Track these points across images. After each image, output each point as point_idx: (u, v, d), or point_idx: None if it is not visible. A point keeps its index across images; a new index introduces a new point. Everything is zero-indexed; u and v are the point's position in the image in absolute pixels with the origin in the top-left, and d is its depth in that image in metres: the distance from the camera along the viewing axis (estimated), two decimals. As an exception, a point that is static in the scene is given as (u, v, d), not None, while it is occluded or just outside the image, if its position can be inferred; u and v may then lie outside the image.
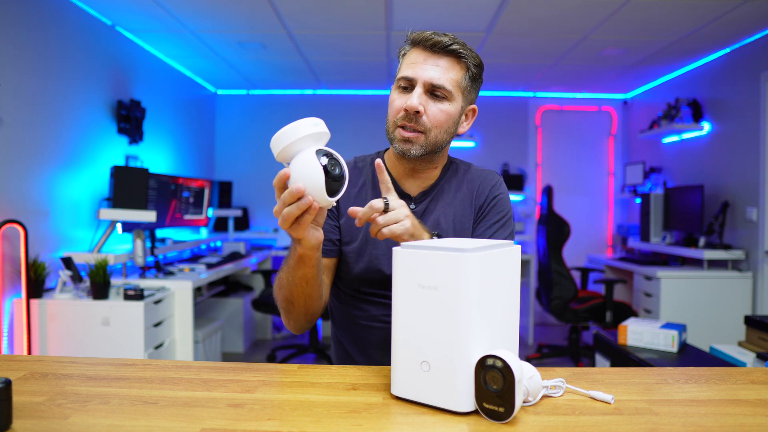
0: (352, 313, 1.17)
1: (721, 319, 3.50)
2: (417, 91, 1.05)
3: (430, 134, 1.07)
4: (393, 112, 1.09)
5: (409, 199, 1.15)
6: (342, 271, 1.17)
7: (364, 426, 0.68)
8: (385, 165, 1.17)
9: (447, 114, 1.08)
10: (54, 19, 2.82)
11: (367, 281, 1.14)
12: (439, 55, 1.06)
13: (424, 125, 1.06)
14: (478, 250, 0.72)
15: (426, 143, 1.07)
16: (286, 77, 4.80)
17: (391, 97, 1.12)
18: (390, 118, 1.10)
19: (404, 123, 1.06)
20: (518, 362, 0.70)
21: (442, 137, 1.09)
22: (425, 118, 1.06)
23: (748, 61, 3.57)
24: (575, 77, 4.70)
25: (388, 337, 1.11)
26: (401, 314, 0.76)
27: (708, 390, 0.84)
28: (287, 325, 1.10)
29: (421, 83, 1.05)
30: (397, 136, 1.08)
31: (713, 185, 3.89)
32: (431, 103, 1.06)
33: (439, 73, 1.05)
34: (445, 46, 1.05)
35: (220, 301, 4.15)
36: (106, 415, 0.71)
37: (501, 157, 5.34)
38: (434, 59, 1.06)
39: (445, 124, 1.08)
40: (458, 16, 3.23)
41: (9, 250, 2.47)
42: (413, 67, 1.06)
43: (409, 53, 1.10)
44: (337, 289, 1.20)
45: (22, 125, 2.59)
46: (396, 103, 1.08)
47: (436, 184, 1.17)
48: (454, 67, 1.07)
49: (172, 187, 3.55)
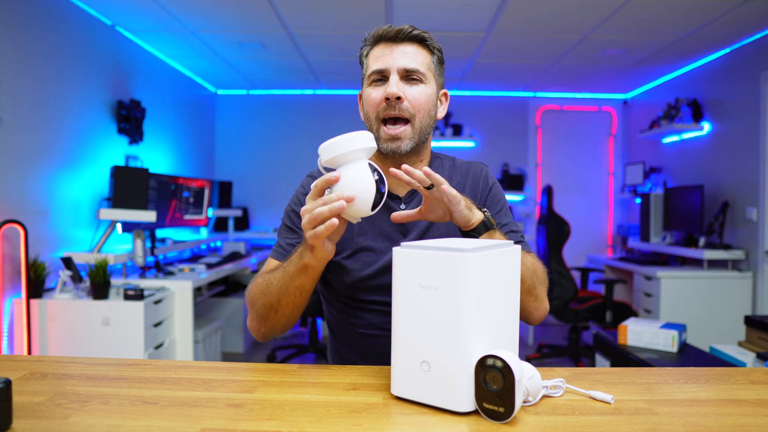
0: (351, 322, 1.13)
1: (721, 319, 3.50)
2: (393, 78, 1.03)
3: (415, 120, 1.05)
4: (372, 107, 1.06)
5: (397, 200, 1.12)
6: (333, 280, 1.13)
7: (364, 426, 0.68)
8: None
9: (426, 95, 1.06)
10: (54, 19, 2.82)
11: (363, 288, 1.10)
12: (404, 43, 1.06)
13: (408, 111, 1.04)
14: (478, 250, 0.71)
15: (413, 133, 1.05)
16: (286, 77, 4.80)
17: (365, 95, 1.09)
18: (370, 115, 1.07)
19: (387, 114, 1.04)
20: (518, 362, 0.70)
21: (426, 122, 1.07)
22: (407, 103, 1.04)
23: (748, 61, 3.57)
24: (575, 77, 4.70)
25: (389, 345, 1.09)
26: (401, 314, 0.76)
27: (708, 390, 0.84)
28: (254, 330, 1.05)
29: (395, 71, 1.04)
30: (382, 135, 1.05)
31: (713, 185, 3.89)
32: (408, 87, 1.04)
33: (409, 58, 1.05)
34: (407, 33, 1.05)
35: (220, 301, 4.15)
36: (106, 415, 0.71)
37: (501, 157, 5.34)
38: (400, 48, 1.05)
39: (426, 106, 1.06)
40: (458, 16, 3.23)
41: (9, 250, 2.47)
42: (382, 59, 1.05)
43: (372, 51, 1.09)
44: (333, 299, 1.16)
45: (22, 125, 2.59)
46: (373, 96, 1.06)
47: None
48: (420, 52, 1.06)
49: (172, 187, 3.55)
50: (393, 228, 1.11)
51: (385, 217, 1.10)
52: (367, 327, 1.12)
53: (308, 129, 5.30)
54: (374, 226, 1.11)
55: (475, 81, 4.89)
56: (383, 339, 1.10)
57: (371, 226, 1.11)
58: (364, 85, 1.10)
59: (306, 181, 1.18)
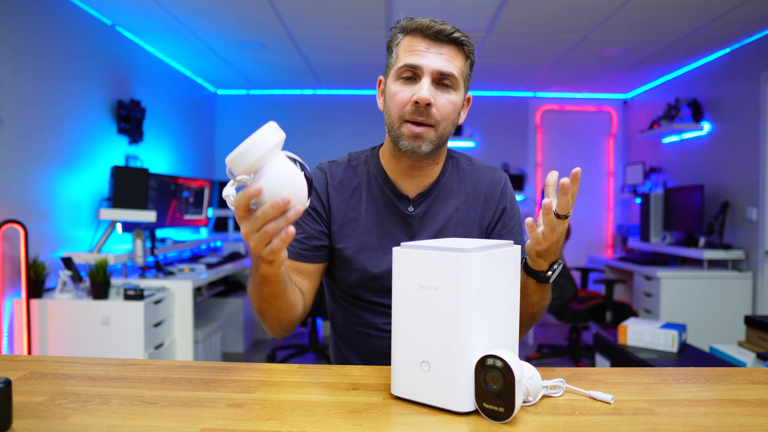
0: (351, 319, 1.12)
1: (721, 319, 3.50)
2: (425, 81, 0.97)
3: (439, 127, 1.00)
4: (398, 106, 1.00)
5: (406, 201, 1.09)
6: (338, 277, 1.11)
7: (364, 426, 0.68)
8: (380, 164, 1.11)
9: (454, 105, 1.01)
10: (54, 19, 2.82)
11: (364, 288, 1.08)
12: (442, 43, 0.99)
13: (435, 118, 0.98)
14: (479, 250, 0.71)
15: (435, 138, 1.00)
16: (286, 77, 4.80)
17: (391, 89, 1.01)
18: (394, 113, 1.01)
19: (413, 117, 0.98)
20: (518, 362, 0.70)
21: (449, 129, 1.02)
22: (434, 110, 0.98)
23: (748, 61, 3.57)
24: (575, 77, 4.70)
25: (388, 346, 1.06)
26: (401, 314, 0.76)
27: (708, 390, 0.84)
28: (269, 332, 1.03)
29: (428, 72, 0.97)
30: (405, 132, 0.99)
31: (713, 185, 3.89)
32: (439, 93, 0.99)
33: (446, 61, 0.98)
34: (448, 34, 0.98)
35: (220, 301, 4.15)
36: (106, 415, 0.71)
37: (501, 157, 5.34)
38: (437, 48, 0.98)
39: (452, 115, 1.01)
40: (458, 16, 3.23)
41: (9, 250, 2.47)
42: (417, 55, 0.98)
43: (405, 41, 1.01)
44: (336, 293, 1.15)
45: (22, 125, 2.59)
46: (401, 95, 0.99)
47: (436, 183, 1.10)
48: (457, 56, 1.00)
49: (172, 187, 3.55)
50: (401, 230, 1.08)
51: (394, 219, 1.08)
52: (366, 326, 1.11)
53: (308, 129, 5.30)
54: (381, 225, 1.08)
55: (475, 81, 4.89)
56: (381, 340, 1.09)
57: (378, 224, 1.08)
58: (390, 76, 1.03)
59: (314, 172, 1.14)
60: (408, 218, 1.08)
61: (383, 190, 1.09)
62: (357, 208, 1.09)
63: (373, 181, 1.10)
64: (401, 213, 1.08)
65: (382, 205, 1.09)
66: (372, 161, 1.12)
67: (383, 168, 1.10)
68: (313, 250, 1.08)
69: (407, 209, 1.08)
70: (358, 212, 1.09)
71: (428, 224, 1.08)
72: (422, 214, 1.08)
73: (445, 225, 1.08)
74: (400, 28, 1.03)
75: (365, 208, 1.09)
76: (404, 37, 1.02)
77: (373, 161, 1.12)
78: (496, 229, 1.12)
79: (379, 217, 1.08)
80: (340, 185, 1.11)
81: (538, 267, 0.95)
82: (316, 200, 1.10)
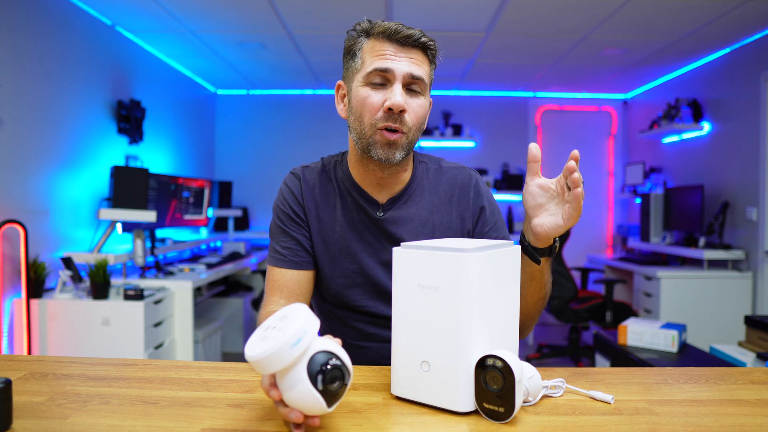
0: (342, 331, 1.09)
1: (721, 319, 3.50)
2: (398, 87, 0.94)
3: (411, 134, 0.98)
4: (369, 112, 0.96)
5: (376, 206, 1.06)
6: (321, 287, 1.08)
7: (364, 426, 0.68)
8: (348, 172, 1.08)
9: (424, 109, 0.99)
10: (54, 20, 2.82)
11: (348, 295, 1.06)
12: (410, 47, 0.96)
13: (407, 124, 0.96)
14: (478, 250, 0.71)
15: (406, 144, 0.98)
16: (286, 77, 4.80)
17: (360, 94, 0.97)
18: (366, 120, 0.96)
19: (387, 124, 0.95)
20: (518, 362, 0.70)
21: (418, 135, 1.00)
22: (407, 116, 0.96)
23: (748, 61, 3.57)
24: (575, 77, 4.70)
25: (384, 354, 1.05)
26: (401, 314, 0.76)
27: (708, 390, 0.84)
28: None
29: (400, 77, 0.94)
30: (379, 140, 0.96)
31: (713, 185, 3.89)
32: (409, 99, 0.96)
33: (415, 65, 0.96)
34: (417, 38, 0.95)
35: (220, 301, 4.15)
36: (106, 415, 0.71)
37: (501, 157, 5.34)
38: (405, 52, 0.96)
39: (422, 120, 0.99)
40: (458, 16, 3.23)
41: (9, 250, 2.47)
42: (387, 59, 0.95)
43: (369, 44, 0.97)
44: (321, 306, 1.13)
45: (22, 125, 2.59)
46: (372, 100, 0.95)
47: (407, 188, 1.08)
48: (424, 61, 0.98)
49: (172, 187, 3.55)
50: (373, 236, 1.07)
51: (366, 224, 1.06)
52: (360, 338, 1.09)
53: (308, 129, 5.30)
54: (355, 229, 1.07)
55: (475, 81, 4.89)
56: (375, 351, 1.07)
57: (351, 229, 1.07)
58: (355, 81, 0.99)
59: (289, 178, 1.12)
60: (380, 222, 1.06)
61: (353, 197, 1.07)
62: (332, 213, 1.08)
63: (343, 186, 1.09)
64: (372, 218, 1.06)
65: (355, 210, 1.07)
66: (341, 168, 1.10)
67: (351, 176, 1.08)
68: (305, 256, 1.07)
69: (377, 213, 1.06)
70: (333, 217, 1.08)
71: (400, 227, 1.06)
72: (393, 219, 1.06)
73: (421, 228, 1.07)
74: (361, 31, 0.99)
75: (340, 213, 1.08)
76: (368, 41, 0.98)
77: (342, 168, 1.10)
78: (478, 228, 1.11)
79: (353, 222, 1.06)
80: (314, 191, 1.09)
81: (543, 245, 0.93)
82: (297, 205, 1.09)
